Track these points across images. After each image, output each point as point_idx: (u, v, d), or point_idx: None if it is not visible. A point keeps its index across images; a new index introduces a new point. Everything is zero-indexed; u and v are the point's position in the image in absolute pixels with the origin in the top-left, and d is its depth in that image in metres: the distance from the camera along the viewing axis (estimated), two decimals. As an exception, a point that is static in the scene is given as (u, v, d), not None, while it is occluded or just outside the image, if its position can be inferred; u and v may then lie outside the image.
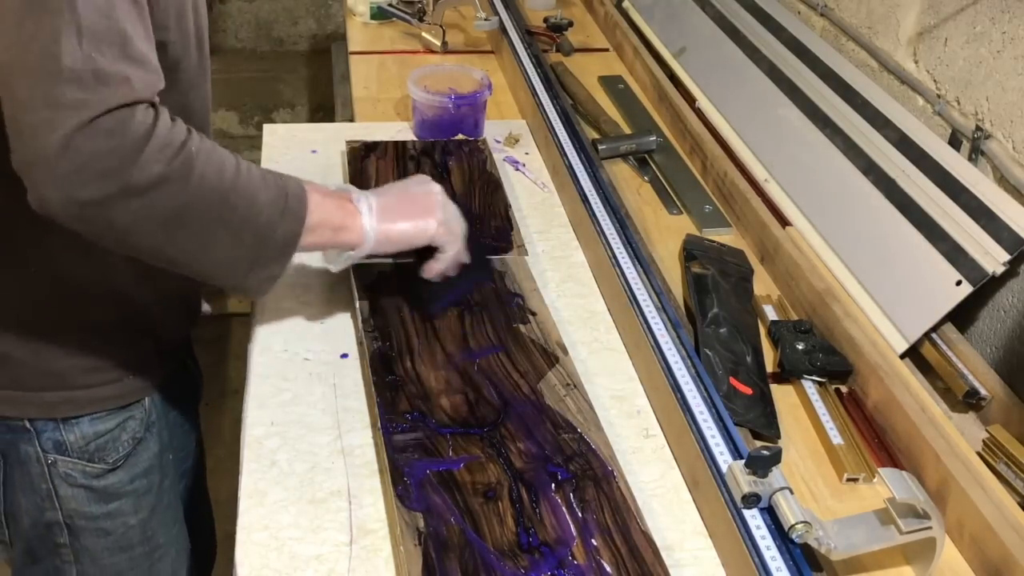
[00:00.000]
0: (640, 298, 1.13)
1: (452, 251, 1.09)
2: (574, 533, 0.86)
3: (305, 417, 1.01)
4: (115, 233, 0.84)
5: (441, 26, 1.89)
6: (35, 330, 1.00)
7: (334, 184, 1.06)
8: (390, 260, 1.19)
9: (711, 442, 0.94)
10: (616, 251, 1.22)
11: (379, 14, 2.01)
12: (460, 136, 1.53)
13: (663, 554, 0.85)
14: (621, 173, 1.51)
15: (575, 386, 1.03)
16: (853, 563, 0.88)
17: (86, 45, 0.78)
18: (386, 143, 1.46)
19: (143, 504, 1.12)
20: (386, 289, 1.14)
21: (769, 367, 1.13)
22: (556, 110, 1.55)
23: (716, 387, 1.02)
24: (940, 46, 1.34)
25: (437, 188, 1.09)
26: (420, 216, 1.05)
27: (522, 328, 1.10)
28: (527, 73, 1.67)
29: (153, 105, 0.84)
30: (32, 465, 1.04)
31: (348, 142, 1.46)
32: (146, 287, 1.04)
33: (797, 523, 0.83)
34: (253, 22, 3.35)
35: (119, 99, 0.80)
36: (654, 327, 1.09)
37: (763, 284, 1.28)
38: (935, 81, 1.35)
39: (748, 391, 1.06)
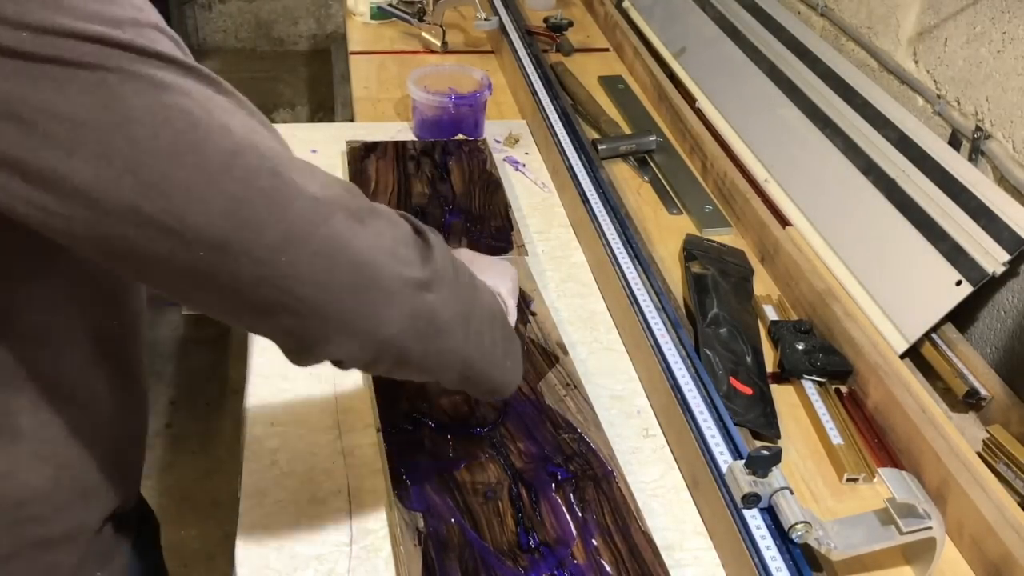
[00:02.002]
0: (640, 298, 1.13)
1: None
2: (574, 533, 0.86)
3: (305, 417, 1.01)
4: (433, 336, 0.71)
5: (441, 26, 1.89)
6: None
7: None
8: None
9: (711, 442, 0.94)
10: (616, 251, 1.22)
11: (379, 14, 2.01)
12: (460, 136, 1.53)
13: (663, 554, 0.85)
14: (621, 173, 1.51)
15: (575, 386, 1.03)
16: (853, 563, 0.88)
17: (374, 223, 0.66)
18: (386, 143, 1.46)
19: None
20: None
21: (769, 367, 1.13)
22: (556, 110, 1.55)
23: (716, 387, 1.02)
24: (940, 46, 1.34)
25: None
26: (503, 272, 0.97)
27: (522, 328, 1.10)
28: (527, 73, 1.67)
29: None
30: None
31: (348, 142, 1.46)
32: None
33: (797, 523, 0.83)
34: (253, 22, 3.35)
35: (416, 233, 0.71)
36: (654, 327, 1.09)
37: (763, 284, 1.29)
38: (935, 81, 1.35)
39: (748, 391, 1.06)
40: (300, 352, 0.66)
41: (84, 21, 0.53)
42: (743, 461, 0.88)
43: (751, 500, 0.86)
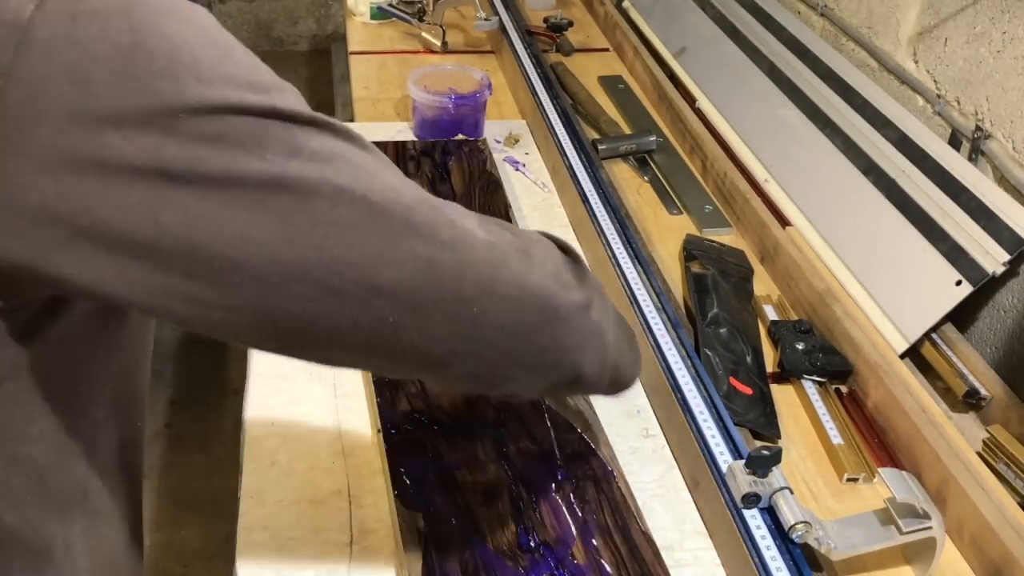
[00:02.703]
0: (640, 298, 1.13)
1: None
2: (574, 533, 0.86)
3: (305, 417, 1.01)
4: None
5: (441, 26, 1.89)
6: None
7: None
8: None
9: (711, 442, 0.94)
10: (616, 251, 1.22)
11: (379, 14, 2.01)
12: (460, 136, 1.53)
13: (663, 554, 0.85)
14: (621, 173, 1.51)
15: (575, 386, 1.02)
16: (853, 563, 0.88)
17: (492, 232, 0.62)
18: (386, 143, 1.46)
19: None
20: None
21: (769, 367, 1.13)
22: (556, 110, 1.55)
23: (716, 387, 1.02)
24: (940, 46, 1.34)
25: None
26: None
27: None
28: (527, 73, 1.67)
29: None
30: None
31: (348, 142, 1.46)
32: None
33: (797, 523, 0.83)
34: (253, 22, 3.35)
35: (556, 255, 0.67)
36: (654, 327, 1.09)
37: (763, 284, 1.28)
38: (935, 81, 1.35)
39: (748, 391, 1.06)
40: (480, 390, 0.67)
41: (240, 90, 0.50)
42: (743, 461, 0.88)
43: (751, 500, 0.86)
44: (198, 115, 0.49)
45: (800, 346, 1.11)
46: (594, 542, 0.85)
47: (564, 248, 0.69)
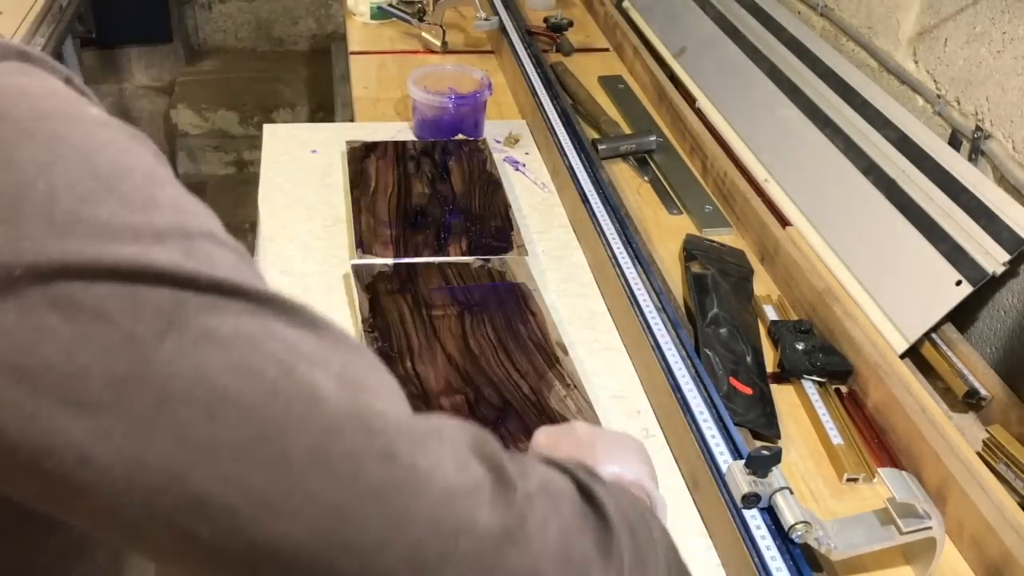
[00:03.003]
0: (640, 298, 1.13)
1: None
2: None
3: (305, 417, 1.01)
4: None
5: (441, 26, 1.89)
6: None
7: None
8: (391, 262, 1.19)
9: (711, 442, 0.94)
10: (616, 251, 1.22)
11: (379, 14, 2.01)
12: (460, 136, 1.53)
13: (663, 554, 0.85)
14: (621, 173, 1.51)
15: (575, 386, 1.03)
16: (853, 563, 0.88)
17: (388, 402, 0.46)
18: (386, 143, 1.46)
19: None
20: (386, 289, 1.14)
21: (769, 367, 1.13)
22: (556, 110, 1.55)
23: (716, 387, 1.02)
24: (940, 46, 1.34)
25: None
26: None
27: (522, 328, 1.10)
28: (527, 73, 1.67)
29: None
30: None
31: (348, 142, 1.46)
32: None
33: (797, 523, 0.83)
34: (253, 22, 3.35)
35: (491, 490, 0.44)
36: (654, 327, 1.09)
37: (763, 284, 1.28)
38: (935, 81, 1.35)
39: (748, 391, 1.06)
40: None
41: (104, 241, 0.37)
42: (743, 461, 0.88)
43: (751, 500, 0.86)
44: (42, 278, 0.37)
45: (800, 346, 1.11)
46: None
47: (588, 493, 0.49)
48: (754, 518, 0.86)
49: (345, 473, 0.39)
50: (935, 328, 1.15)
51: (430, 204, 1.33)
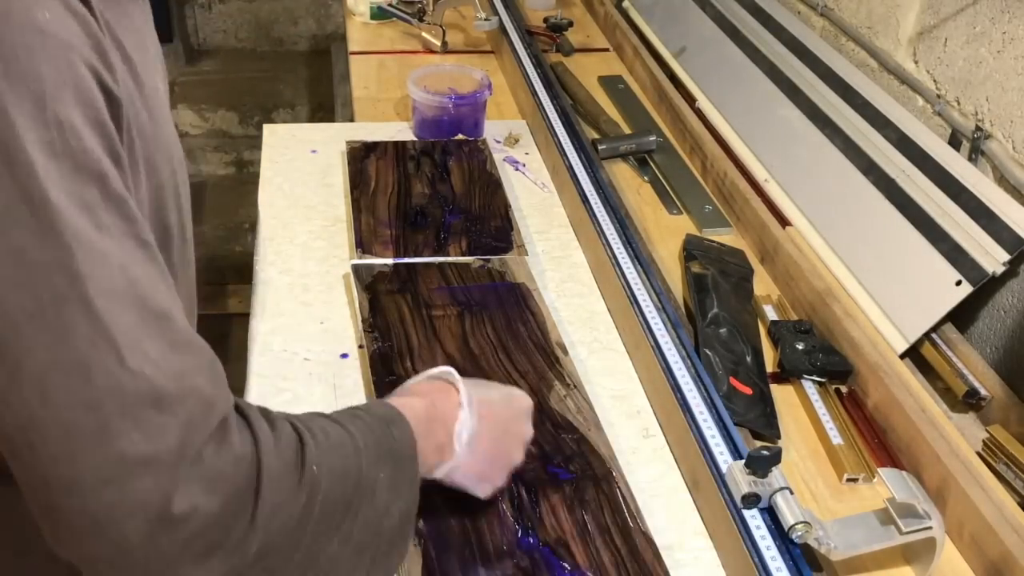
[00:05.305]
0: (640, 298, 1.13)
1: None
2: (574, 533, 0.86)
3: (305, 417, 1.01)
4: None
5: (441, 26, 1.89)
6: None
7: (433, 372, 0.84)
8: (390, 262, 1.19)
9: (711, 442, 0.94)
10: (616, 251, 1.22)
11: (379, 14, 2.01)
12: (460, 136, 1.53)
13: (663, 554, 0.85)
14: (621, 173, 1.51)
15: (575, 386, 1.03)
16: (853, 563, 0.88)
17: (130, 359, 0.53)
18: (386, 143, 1.46)
19: None
20: (386, 289, 1.14)
21: (769, 367, 1.13)
22: (556, 110, 1.55)
23: (716, 387, 1.02)
24: (940, 46, 1.34)
25: (530, 432, 0.87)
26: (504, 467, 0.85)
27: (522, 328, 1.10)
28: (527, 73, 1.67)
29: (231, 413, 0.59)
30: None
31: (348, 142, 1.46)
32: None
33: (797, 523, 0.83)
34: (253, 22, 3.35)
35: (199, 432, 0.56)
36: (654, 327, 1.09)
37: (763, 284, 1.28)
38: (935, 81, 1.35)
39: (748, 391, 1.06)
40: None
41: None
42: (743, 461, 0.88)
43: (751, 500, 0.86)
44: None
45: (800, 346, 1.11)
46: (594, 542, 0.85)
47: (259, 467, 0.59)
48: (754, 518, 0.86)
49: (52, 399, 0.51)
50: (935, 328, 1.15)
51: (430, 204, 1.33)
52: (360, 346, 1.10)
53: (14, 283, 0.51)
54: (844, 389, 1.10)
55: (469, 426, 0.79)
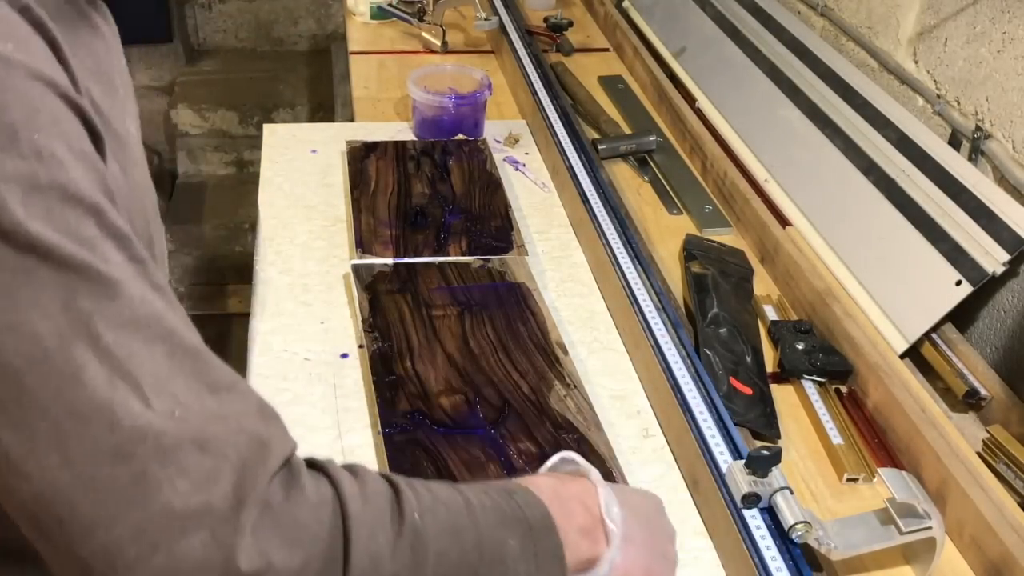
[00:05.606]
0: (640, 298, 1.13)
1: None
2: (574, 533, 0.85)
3: (305, 417, 1.01)
4: None
5: (441, 26, 1.89)
6: None
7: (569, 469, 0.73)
8: (390, 262, 1.19)
9: (711, 442, 0.94)
10: (616, 251, 1.22)
11: (379, 14, 2.01)
12: (460, 136, 1.53)
13: (663, 554, 0.85)
14: (621, 173, 1.51)
15: (575, 386, 1.03)
16: (853, 563, 0.88)
17: (156, 401, 0.46)
18: (386, 143, 1.46)
19: None
20: (386, 289, 1.14)
21: (769, 367, 1.13)
22: (556, 110, 1.55)
23: (716, 387, 1.02)
24: (940, 46, 1.34)
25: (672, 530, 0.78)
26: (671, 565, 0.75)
27: (522, 328, 1.10)
28: (527, 73, 1.67)
29: (295, 457, 0.53)
30: None
31: (348, 142, 1.46)
32: None
33: (797, 523, 0.83)
34: (253, 22, 3.35)
35: (258, 475, 0.48)
36: (654, 327, 1.09)
37: (763, 284, 1.28)
38: (935, 81, 1.35)
39: (748, 391, 1.06)
40: None
41: None
42: (743, 461, 0.88)
43: (751, 500, 0.86)
44: None
45: (800, 346, 1.11)
46: (594, 542, 0.85)
47: (344, 511, 0.51)
48: (754, 518, 0.86)
49: (75, 457, 0.44)
50: (935, 328, 1.15)
51: (430, 204, 1.33)
52: (360, 346, 1.10)
53: (8, 328, 0.44)
54: (844, 389, 1.10)
55: (616, 507, 0.67)
